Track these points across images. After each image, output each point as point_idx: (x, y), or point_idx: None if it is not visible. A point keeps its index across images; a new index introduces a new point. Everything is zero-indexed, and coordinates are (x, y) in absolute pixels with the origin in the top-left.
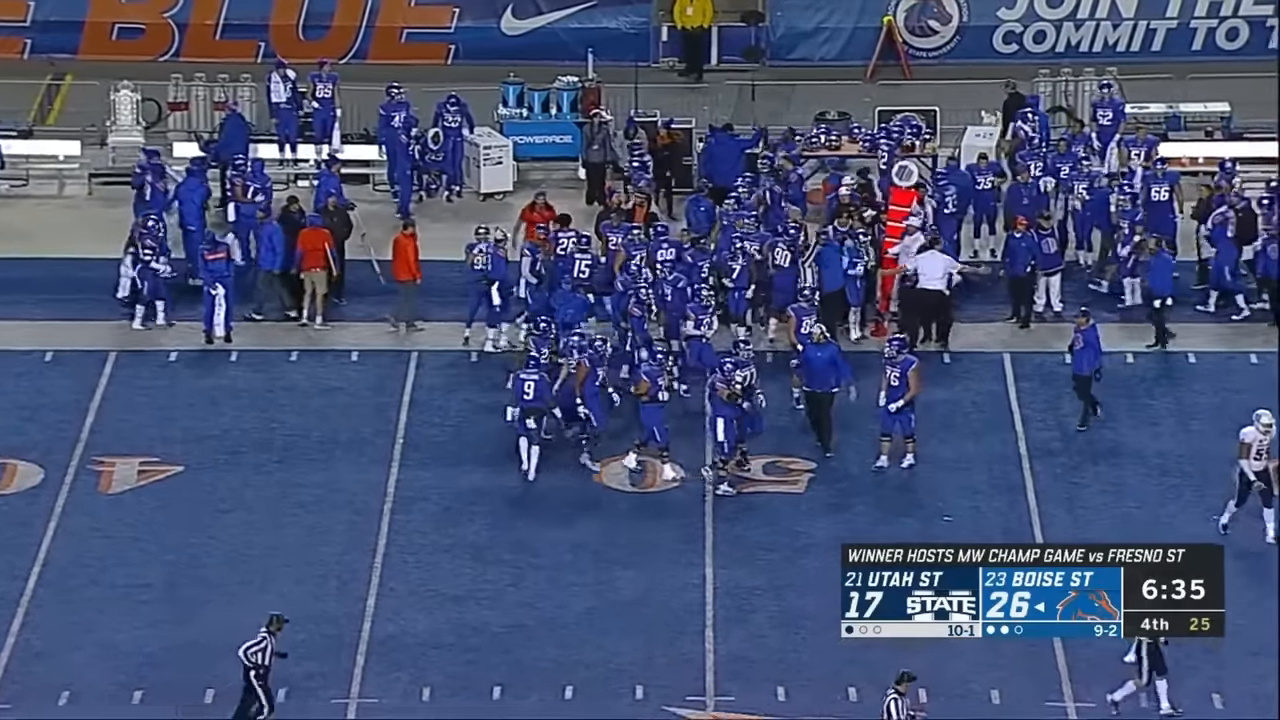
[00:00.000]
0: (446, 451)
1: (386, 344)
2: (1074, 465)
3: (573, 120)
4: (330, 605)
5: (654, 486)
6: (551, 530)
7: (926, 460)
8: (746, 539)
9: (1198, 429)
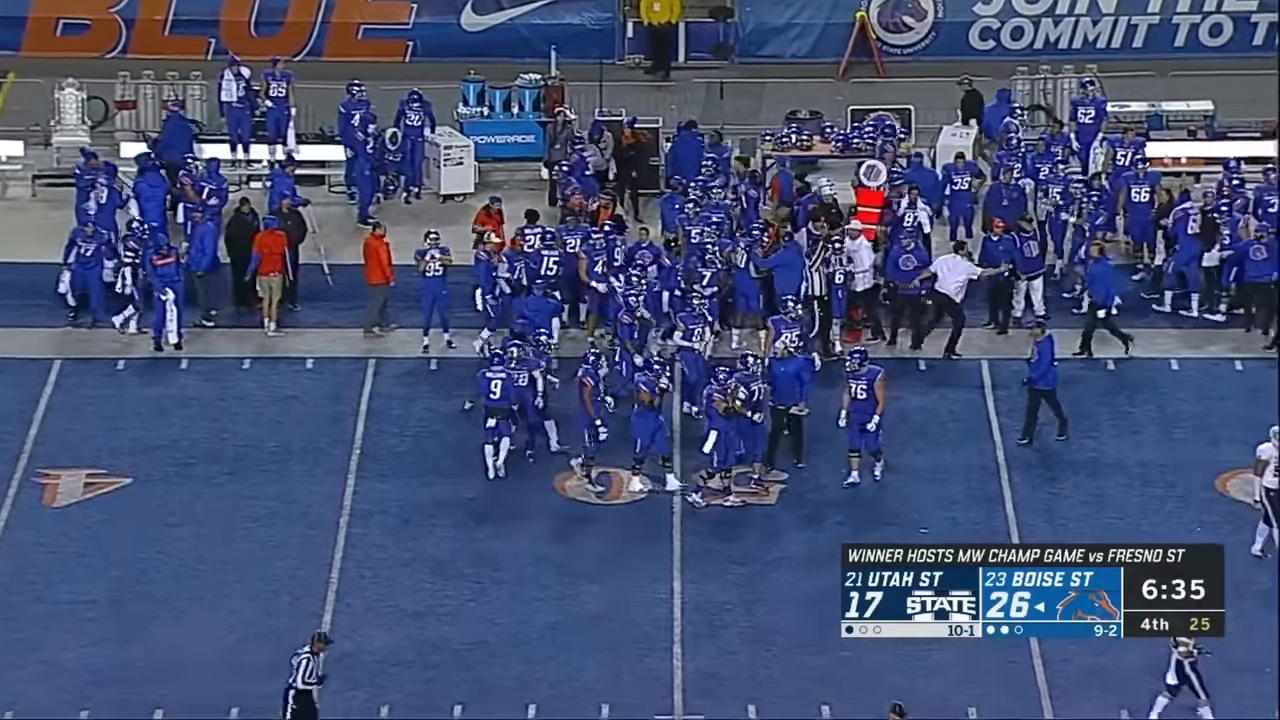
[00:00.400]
0: (405, 462)
1: (342, 351)
2: (1053, 476)
3: (535, 120)
4: (284, 622)
5: (620, 498)
6: (514, 543)
7: (901, 470)
8: (716, 552)
9: (1180, 438)
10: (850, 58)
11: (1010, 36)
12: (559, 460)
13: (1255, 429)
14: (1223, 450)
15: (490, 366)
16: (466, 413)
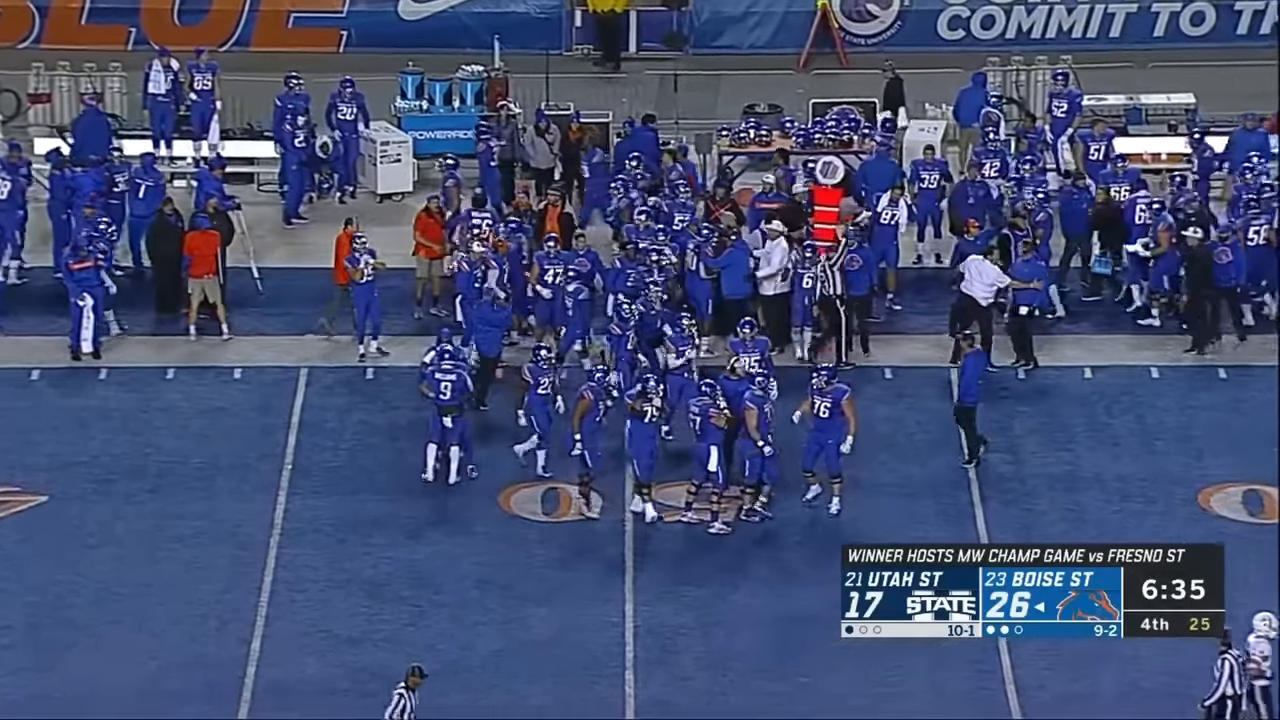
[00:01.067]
0: (340, 478)
1: (271, 359)
2: (1027, 490)
3: (478, 114)
4: (210, 648)
5: (568, 515)
6: (456, 564)
7: (866, 485)
8: (670, 573)
9: (1161, 450)
10: (812, 48)
11: (980, 25)
12: (503, 474)
13: (1240, 440)
14: (1206, 463)
15: (440, 366)
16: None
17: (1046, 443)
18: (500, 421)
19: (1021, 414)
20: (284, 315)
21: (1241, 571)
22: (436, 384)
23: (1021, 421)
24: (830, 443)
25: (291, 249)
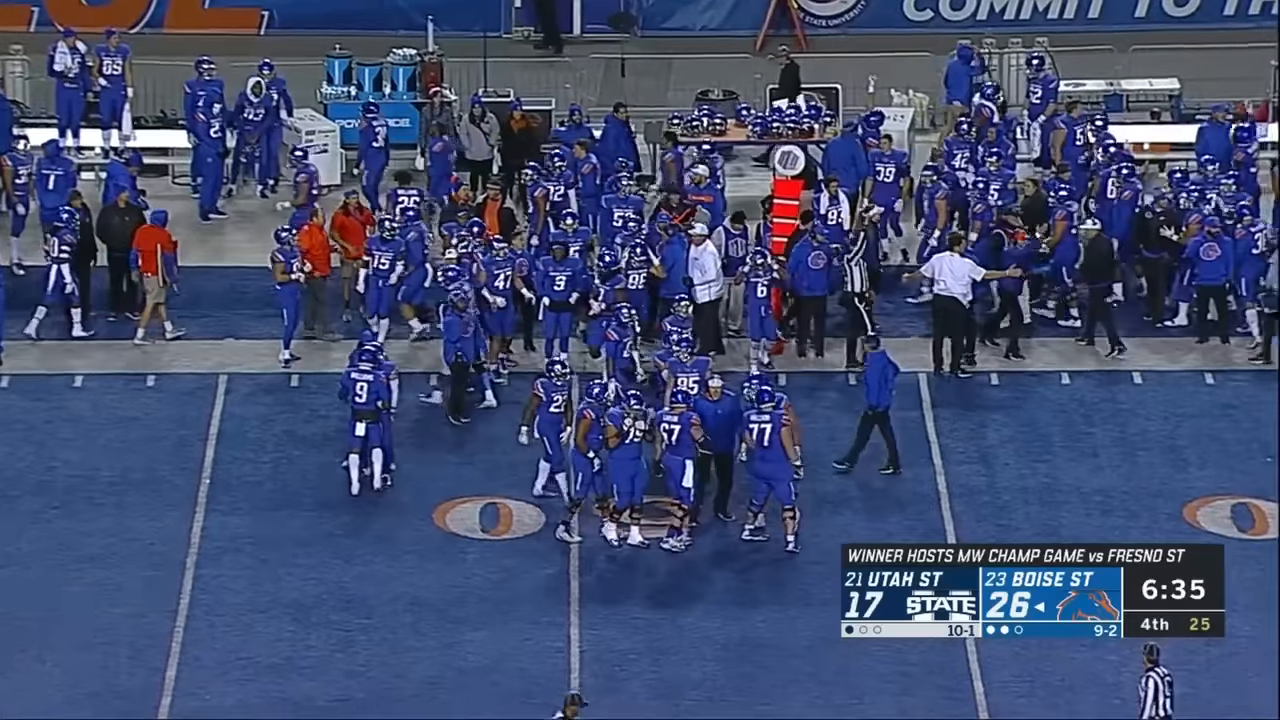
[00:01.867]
0: (262, 493)
1: (187, 365)
2: (1001, 505)
3: (410, 101)
4: (122, 678)
5: (508, 533)
6: (387, 585)
7: (829, 500)
8: (618, 594)
9: (1145, 460)
10: (769, 30)
11: (950, 6)
12: (437, 488)
13: (1229, 450)
14: (1191, 475)
15: (356, 365)
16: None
17: (1021, 453)
18: (436, 430)
19: (995, 422)
20: (201, 318)
21: (1232, 590)
22: (352, 385)
23: (995, 430)
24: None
25: (208, 247)
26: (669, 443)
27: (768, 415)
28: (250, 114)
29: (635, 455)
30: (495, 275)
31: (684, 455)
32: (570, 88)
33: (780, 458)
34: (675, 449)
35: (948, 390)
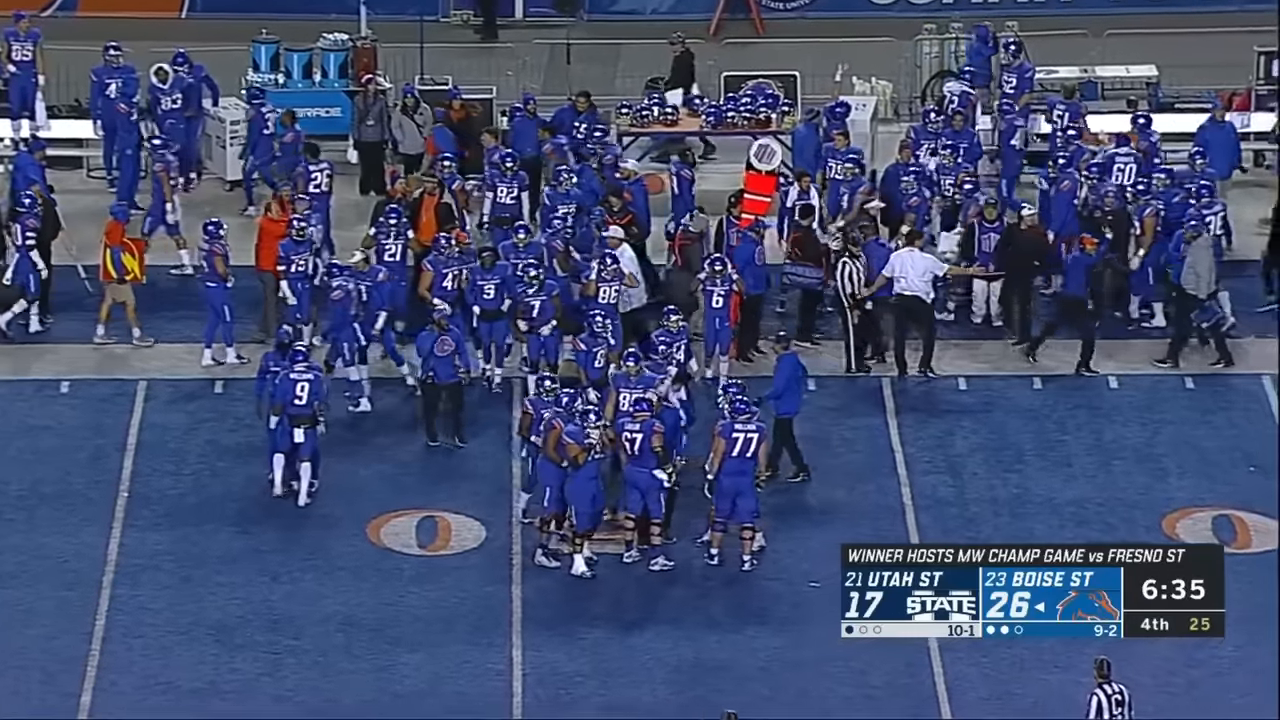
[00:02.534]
0: (185, 506)
1: (103, 371)
2: (970, 517)
3: (342, 89)
4: (34, 703)
5: (446, 548)
6: (318, 604)
7: (786, 513)
8: (563, 613)
9: (1121, 470)
10: (723, 14)
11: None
12: (371, 501)
13: (1209, 460)
14: (1171, 485)
15: (293, 366)
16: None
17: (991, 462)
18: (369, 438)
19: (963, 429)
20: (119, 320)
21: None
22: (290, 386)
23: (963, 438)
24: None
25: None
26: (631, 453)
27: (754, 427)
28: (166, 104)
29: (595, 474)
30: (443, 275)
31: (648, 466)
32: (512, 75)
33: (752, 469)
34: (638, 460)
35: (912, 396)
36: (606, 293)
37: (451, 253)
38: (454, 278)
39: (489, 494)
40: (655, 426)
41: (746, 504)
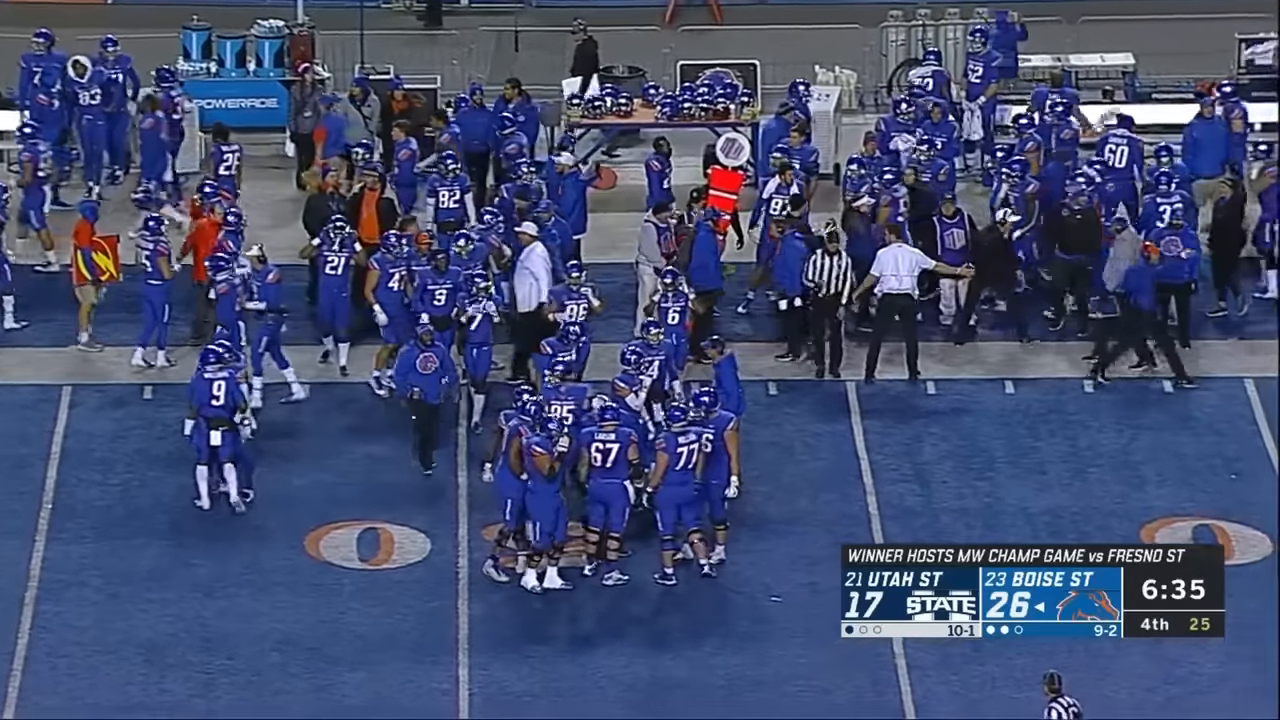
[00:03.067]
0: (112, 518)
1: (27, 376)
2: (939, 528)
3: (277, 78)
4: None
5: (389, 562)
6: (253, 621)
7: (746, 523)
8: (512, 629)
9: (1097, 478)
10: (678, 1)
11: None
12: (309, 512)
13: (1189, 467)
14: (1149, 493)
15: (206, 365)
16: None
17: (961, 470)
18: (308, 445)
19: (931, 435)
20: (43, 322)
21: None
22: (206, 387)
23: (931, 444)
24: (713, 483)
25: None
26: (602, 465)
27: (710, 421)
28: (85, 98)
29: (559, 487)
30: (389, 275)
31: (620, 478)
32: (457, 64)
33: (718, 468)
34: (609, 472)
35: (879, 400)
36: (576, 311)
37: (400, 252)
38: (400, 279)
39: (433, 505)
40: (632, 436)
41: (692, 513)
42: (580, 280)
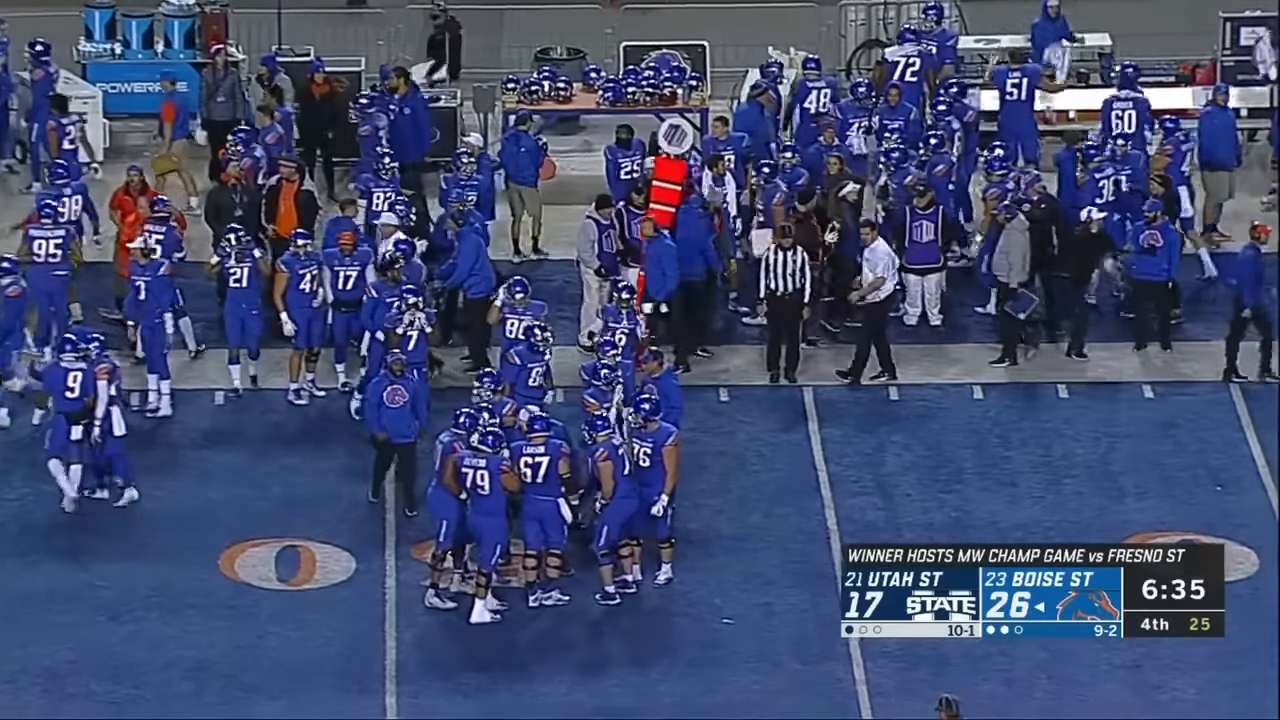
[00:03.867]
0: (6, 535)
1: None
2: (901, 543)
3: (188, 60)
4: None
5: (310, 582)
6: (162, 648)
7: (690, 540)
8: (445, 656)
9: (1072, 490)
10: None
11: None
12: (223, 528)
13: (1171, 478)
14: (1128, 506)
15: (62, 354)
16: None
17: (926, 482)
18: (220, 455)
19: (894, 445)
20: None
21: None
22: (62, 376)
23: (894, 455)
24: (651, 499)
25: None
26: (532, 480)
27: (651, 433)
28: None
29: (502, 506)
30: (300, 277)
31: (553, 494)
32: (383, 45)
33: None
34: (541, 487)
35: (838, 406)
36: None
37: (305, 250)
38: (312, 279)
39: (358, 520)
40: (563, 448)
41: (637, 525)
42: (526, 302)
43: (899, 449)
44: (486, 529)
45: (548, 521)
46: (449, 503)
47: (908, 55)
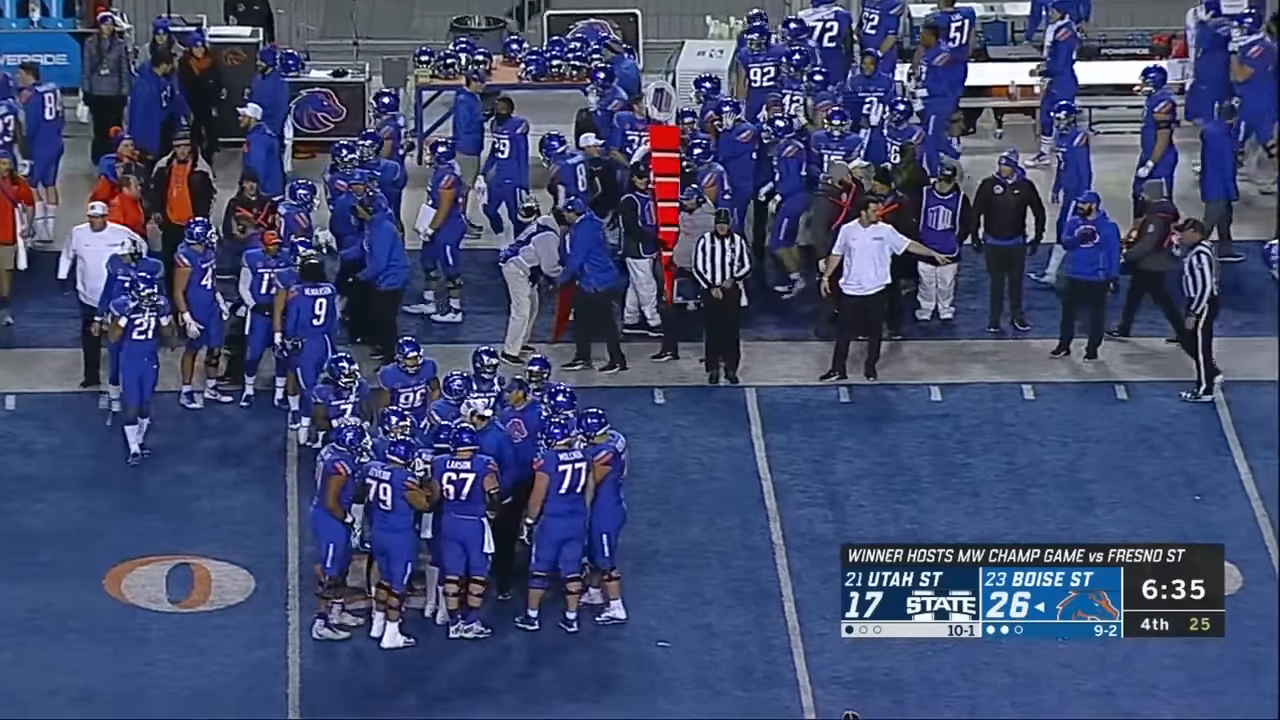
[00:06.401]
0: None
1: None
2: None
3: (68, 30)
4: None
5: (205, 603)
6: (43, 674)
7: (629, 554)
8: (354, 686)
9: (1038, 499)
10: None
11: None
12: (109, 545)
13: (1146, 487)
14: (1100, 518)
15: None
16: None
17: (880, 491)
18: (108, 466)
19: (845, 451)
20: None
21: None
22: None
23: (845, 462)
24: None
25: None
26: (455, 498)
27: (580, 454)
28: None
29: (409, 521)
30: (201, 272)
31: (477, 514)
32: (284, 14)
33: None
34: (465, 505)
35: (783, 409)
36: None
37: (210, 242)
38: (214, 274)
39: (257, 535)
40: (490, 464)
41: (574, 552)
42: (418, 362)
43: (850, 455)
44: (393, 545)
45: (471, 544)
46: (335, 526)
47: (824, 19)
